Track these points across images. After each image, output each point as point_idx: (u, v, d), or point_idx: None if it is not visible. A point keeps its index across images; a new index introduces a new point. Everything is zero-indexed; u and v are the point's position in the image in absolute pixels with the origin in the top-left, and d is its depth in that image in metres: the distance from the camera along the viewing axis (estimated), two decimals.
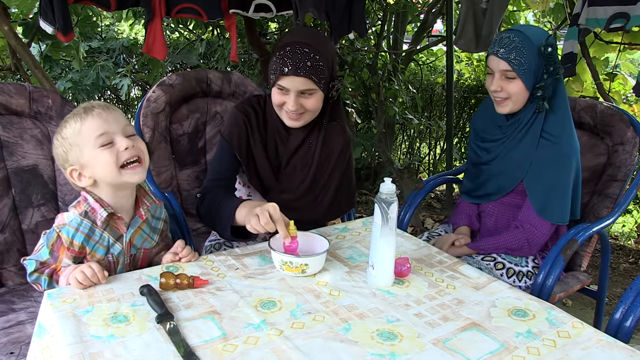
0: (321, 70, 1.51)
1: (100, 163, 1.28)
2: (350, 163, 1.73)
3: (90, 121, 1.27)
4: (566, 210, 1.70)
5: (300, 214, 1.69)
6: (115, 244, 1.35)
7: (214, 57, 4.35)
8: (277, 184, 1.69)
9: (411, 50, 4.32)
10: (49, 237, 1.30)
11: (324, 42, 1.57)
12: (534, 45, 1.63)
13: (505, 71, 1.66)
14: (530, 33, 1.65)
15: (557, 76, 1.66)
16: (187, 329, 1.08)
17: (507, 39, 1.65)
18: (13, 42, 2.40)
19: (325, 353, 1.03)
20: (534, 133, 1.71)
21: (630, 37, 2.86)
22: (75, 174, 1.31)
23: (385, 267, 1.30)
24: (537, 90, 1.66)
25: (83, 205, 1.32)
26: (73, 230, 1.29)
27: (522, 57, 1.63)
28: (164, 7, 2.25)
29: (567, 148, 1.68)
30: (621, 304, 1.43)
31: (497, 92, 1.70)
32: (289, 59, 1.48)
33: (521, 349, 1.07)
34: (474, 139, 1.90)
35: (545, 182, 1.68)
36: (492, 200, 1.85)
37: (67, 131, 1.29)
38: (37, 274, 1.30)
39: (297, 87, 1.50)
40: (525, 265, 1.75)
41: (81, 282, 1.20)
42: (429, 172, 4.91)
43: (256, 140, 1.65)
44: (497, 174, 1.80)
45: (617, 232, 3.84)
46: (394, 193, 1.26)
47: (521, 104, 1.70)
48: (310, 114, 1.58)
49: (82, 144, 1.28)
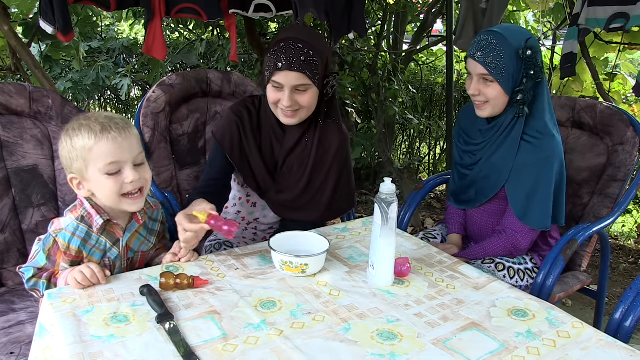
0: (315, 66, 1.51)
1: (101, 188, 1.27)
2: (348, 162, 1.73)
3: (104, 144, 1.23)
4: (547, 215, 1.65)
5: (299, 214, 1.70)
6: (112, 248, 1.35)
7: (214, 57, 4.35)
8: (274, 184, 1.70)
9: (411, 50, 4.33)
10: (45, 242, 1.30)
11: (317, 38, 1.57)
12: (513, 48, 1.56)
13: (482, 75, 1.61)
14: (509, 35, 1.58)
15: (539, 80, 1.61)
16: (187, 329, 1.08)
17: (485, 42, 1.59)
18: (13, 42, 2.40)
19: (325, 353, 1.03)
20: (514, 138, 1.65)
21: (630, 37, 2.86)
22: (76, 182, 1.30)
23: (385, 267, 1.30)
24: (516, 95, 1.60)
25: (79, 209, 1.32)
26: (70, 234, 1.29)
27: (499, 60, 1.57)
28: (164, 7, 2.25)
29: (548, 152, 1.62)
30: (621, 304, 1.43)
31: (475, 96, 1.66)
32: (282, 54, 1.49)
33: (521, 349, 1.07)
34: (457, 138, 1.86)
35: (526, 187, 1.64)
36: (475, 207, 1.82)
37: (78, 142, 1.25)
38: (35, 279, 1.30)
39: (291, 83, 1.50)
40: (524, 263, 1.76)
41: (80, 282, 1.20)
42: (429, 172, 4.91)
43: (250, 142, 1.65)
44: (479, 179, 1.76)
45: (617, 232, 3.84)
46: (394, 193, 1.26)
47: (501, 108, 1.65)
48: (305, 111, 1.58)
49: (90, 162, 1.25)
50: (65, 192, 1.72)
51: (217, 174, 1.67)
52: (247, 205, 1.81)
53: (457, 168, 1.86)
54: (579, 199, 1.97)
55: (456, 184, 1.87)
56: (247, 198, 1.80)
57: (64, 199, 1.72)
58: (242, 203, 1.81)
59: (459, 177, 1.85)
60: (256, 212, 1.81)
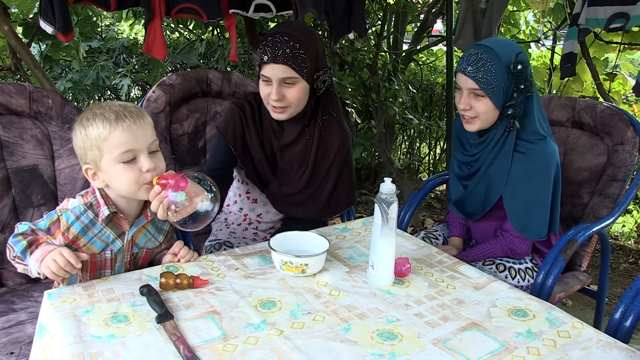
0: (302, 59, 1.52)
1: (119, 177, 1.26)
2: (350, 160, 1.73)
3: (119, 133, 1.23)
4: (544, 225, 1.65)
5: (299, 211, 1.71)
6: (116, 240, 1.34)
7: (214, 57, 4.35)
8: (275, 179, 1.70)
9: (411, 50, 4.32)
10: (50, 215, 1.29)
11: (306, 32, 1.59)
12: (503, 63, 1.56)
13: (473, 89, 1.59)
14: (500, 49, 1.57)
15: (529, 94, 1.60)
16: (187, 329, 1.08)
17: (475, 56, 1.58)
18: (13, 42, 2.40)
19: (325, 353, 1.03)
20: (507, 151, 1.64)
21: (630, 37, 2.86)
22: (91, 172, 1.29)
23: (385, 267, 1.30)
24: (507, 109, 1.59)
25: (90, 196, 1.31)
26: (74, 217, 1.28)
27: (490, 75, 1.56)
28: (164, 7, 2.25)
29: (543, 160, 1.62)
30: (621, 304, 1.42)
31: (465, 111, 1.64)
32: (269, 47, 1.52)
33: (521, 349, 1.07)
34: (454, 148, 1.84)
35: (523, 199, 1.64)
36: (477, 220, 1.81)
37: (92, 131, 1.24)
38: (20, 237, 1.24)
39: (277, 75, 1.52)
40: (524, 263, 1.76)
41: (55, 272, 1.17)
42: (429, 172, 4.91)
43: (252, 135, 1.66)
44: (478, 191, 1.75)
45: (617, 232, 3.84)
46: (394, 193, 1.26)
47: (490, 122, 1.64)
48: (294, 107, 1.59)
49: (105, 151, 1.24)
50: (65, 192, 1.72)
51: (219, 164, 1.67)
52: (247, 202, 1.81)
53: (456, 179, 1.85)
54: (579, 199, 1.97)
55: (457, 195, 1.85)
56: (247, 195, 1.81)
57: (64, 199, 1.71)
58: (242, 200, 1.81)
59: (459, 188, 1.84)
60: (258, 208, 1.82)
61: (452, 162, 1.87)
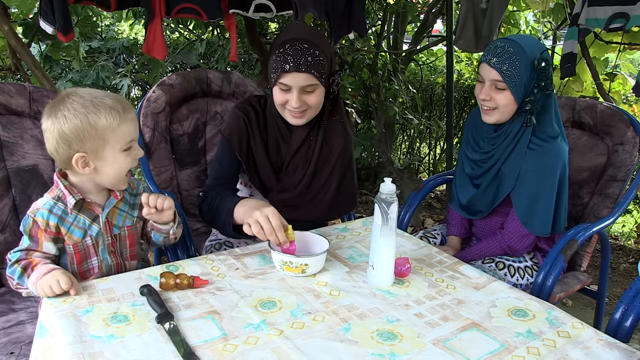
0: (322, 65, 1.51)
1: (117, 164, 1.30)
2: (352, 163, 1.73)
3: (127, 124, 1.28)
4: (548, 222, 1.67)
5: (301, 213, 1.70)
6: (92, 225, 1.35)
7: (214, 57, 4.35)
8: (278, 184, 1.69)
9: (411, 50, 4.33)
10: (24, 224, 1.30)
11: (321, 37, 1.58)
12: (528, 58, 1.58)
13: (495, 81, 1.62)
14: (526, 45, 1.60)
15: (548, 92, 1.62)
16: (187, 329, 1.08)
17: (502, 49, 1.61)
18: (13, 42, 2.40)
19: (325, 353, 1.03)
20: (521, 147, 1.67)
21: (630, 37, 2.86)
22: (82, 160, 1.28)
23: (385, 267, 1.30)
24: (525, 104, 1.62)
25: (55, 190, 1.33)
26: (47, 212, 1.30)
27: (514, 68, 1.59)
28: (164, 7, 2.25)
29: (552, 157, 1.64)
30: (621, 304, 1.43)
31: (485, 101, 1.66)
32: (289, 55, 1.48)
33: (521, 349, 1.07)
34: (465, 146, 1.86)
35: (529, 193, 1.65)
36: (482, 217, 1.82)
37: (100, 122, 1.24)
38: (15, 265, 1.27)
39: (299, 84, 1.50)
40: (524, 261, 1.76)
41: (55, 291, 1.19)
42: (429, 172, 4.91)
43: (257, 140, 1.65)
44: (490, 188, 1.76)
45: (617, 232, 3.85)
46: (394, 193, 1.26)
47: (508, 115, 1.66)
48: (313, 110, 1.58)
49: (111, 141, 1.27)
50: None
51: (227, 172, 1.67)
52: None
53: (467, 180, 1.84)
54: (579, 199, 1.97)
55: (467, 196, 1.84)
56: (250, 197, 1.80)
57: None
58: None
59: (469, 189, 1.83)
60: None
61: (462, 163, 1.87)
